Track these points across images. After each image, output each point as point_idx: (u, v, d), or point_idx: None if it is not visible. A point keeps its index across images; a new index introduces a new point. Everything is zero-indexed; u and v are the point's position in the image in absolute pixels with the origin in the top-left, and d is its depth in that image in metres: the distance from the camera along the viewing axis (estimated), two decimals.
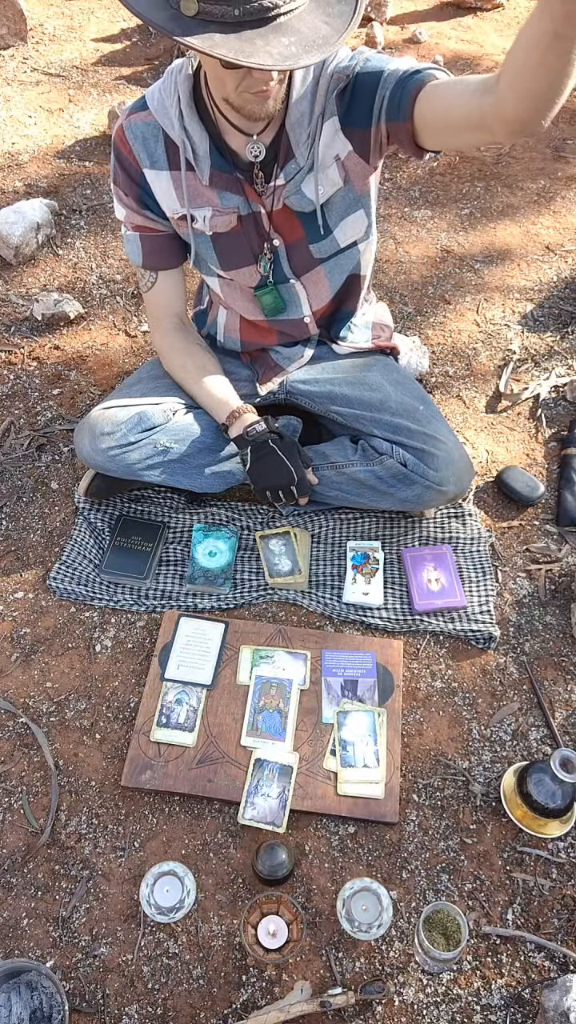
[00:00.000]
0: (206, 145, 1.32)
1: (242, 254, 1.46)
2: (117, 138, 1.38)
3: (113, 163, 1.41)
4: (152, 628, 1.60)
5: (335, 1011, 1.20)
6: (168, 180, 1.38)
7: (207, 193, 1.38)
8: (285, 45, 1.05)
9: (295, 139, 1.32)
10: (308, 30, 1.07)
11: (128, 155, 1.37)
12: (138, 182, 1.40)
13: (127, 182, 1.41)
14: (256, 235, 1.43)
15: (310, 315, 1.59)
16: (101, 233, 2.41)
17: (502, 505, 1.79)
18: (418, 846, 1.35)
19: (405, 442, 1.56)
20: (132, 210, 1.44)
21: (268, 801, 1.36)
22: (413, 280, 2.27)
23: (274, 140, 1.33)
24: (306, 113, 1.30)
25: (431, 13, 3.38)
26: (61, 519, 1.76)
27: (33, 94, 2.91)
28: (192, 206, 1.39)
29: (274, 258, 1.46)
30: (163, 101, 1.32)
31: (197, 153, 1.33)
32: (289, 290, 1.53)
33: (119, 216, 1.48)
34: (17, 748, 1.45)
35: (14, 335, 2.13)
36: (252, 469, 1.54)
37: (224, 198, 1.38)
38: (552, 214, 2.48)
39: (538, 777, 1.28)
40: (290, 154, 1.33)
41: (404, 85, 1.20)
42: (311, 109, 1.30)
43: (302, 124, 1.31)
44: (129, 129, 1.35)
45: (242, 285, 1.52)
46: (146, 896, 1.27)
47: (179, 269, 1.56)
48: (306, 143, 1.32)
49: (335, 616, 1.60)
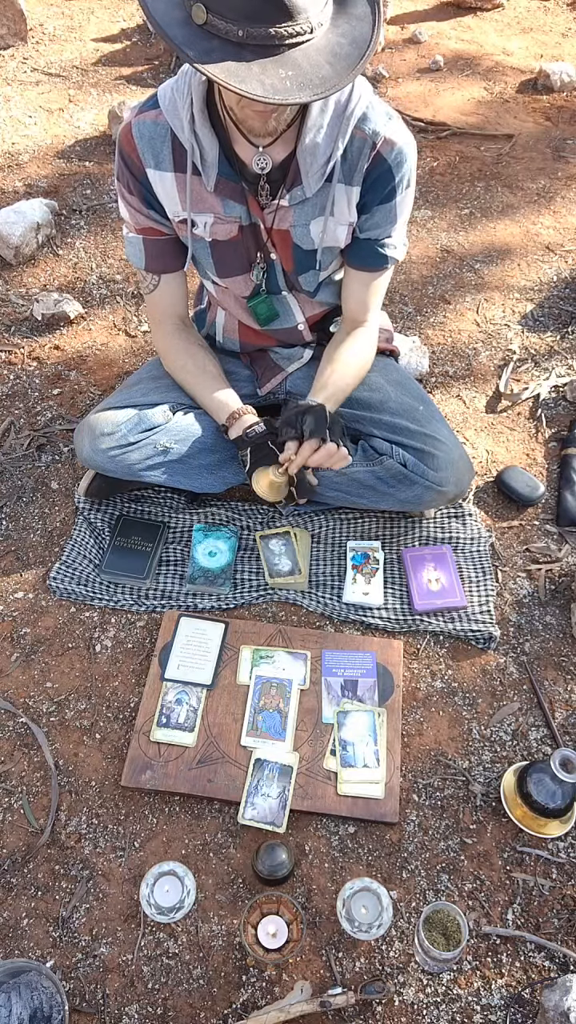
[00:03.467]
0: (215, 152, 1.31)
1: (238, 263, 1.46)
2: (123, 136, 1.36)
3: (117, 161, 1.40)
4: (152, 628, 1.60)
5: (335, 1011, 1.20)
6: (172, 182, 1.37)
7: (210, 200, 1.37)
8: (281, 78, 1.03)
9: (304, 167, 1.31)
10: (309, 67, 1.05)
11: (132, 154, 1.36)
12: (141, 181, 1.39)
13: (130, 181, 1.39)
14: (254, 246, 1.43)
15: (303, 322, 1.59)
16: (101, 233, 2.41)
17: (502, 505, 1.79)
18: (418, 846, 1.35)
19: (405, 442, 1.57)
20: (135, 209, 1.43)
21: (268, 801, 1.36)
22: (413, 280, 2.28)
23: (284, 160, 1.32)
24: (320, 146, 1.29)
25: (431, 13, 3.38)
26: (61, 519, 1.76)
27: (33, 94, 2.91)
28: (194, 211, 1.38)
29: (268, 268, 1.46)
30: (175, 102, 1.30)
31: (206, 159, 1.31)
32: (281, 301, 1.54)
33: (122, 215, 1.47)
34: (17, 748, 1.46)
35: (14, 335, 2.13)
36: (252, 470, 1.54)
37: (227, 206, 1.37)
38: (552, 214, 2.48)
39: (538, 777, 1.28)
40: (298, 180, 1.33)
41: (364, 253, 1.44)
42: (326, 143, 1.29)
43: (315, 156, 1.30)
44: (137, 128, 1.33)
45: (236, 294, 1.52)
46: (146, 896, 1.27)
47: (182, 272, 1.55)
48: (316, 176, 1.32)
49: (335, 616, 1.60)
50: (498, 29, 3.29)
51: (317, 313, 1.60)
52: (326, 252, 1.44)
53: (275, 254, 1.45)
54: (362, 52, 1.08)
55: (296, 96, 1.04)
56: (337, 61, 1.07)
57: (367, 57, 1.08)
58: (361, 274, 1.49)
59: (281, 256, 1.45)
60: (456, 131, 2.77)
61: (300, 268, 1.46)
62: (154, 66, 3.06)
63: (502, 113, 2.87)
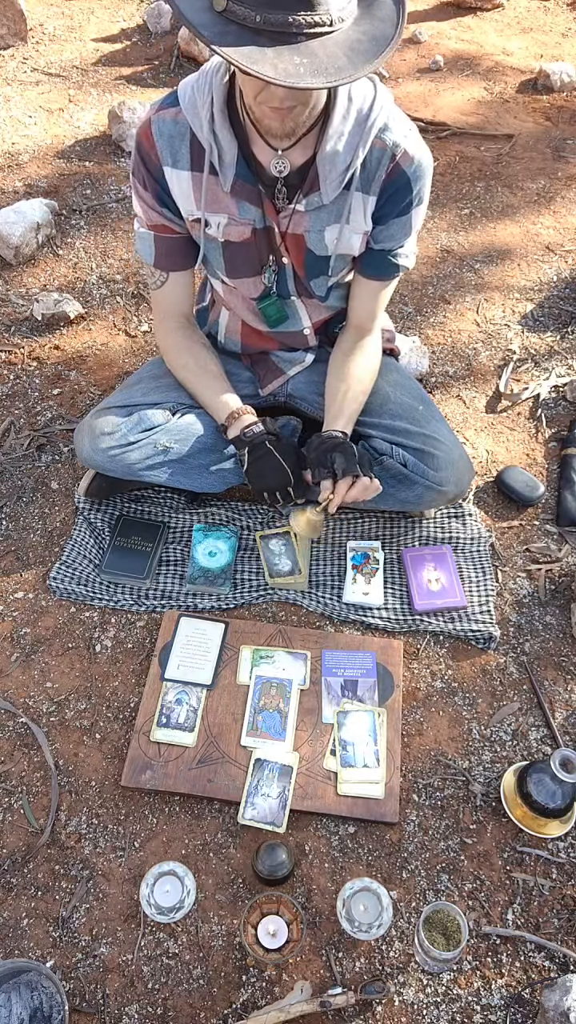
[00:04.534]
0: (234, 153, 1.30)
1: (249, 265, 1.46)
2: (142, 132, 1.35)
3: (134, 156, 1.39)
4: (152, 628, 1.60)
5: (335, 1011, 1.20)
6: (188, 181, 1.36)
7: (226, 200, 1.36)
8: (295, 64, 1.03)
9: (324, 174, 1.31)
10: (325, 57, 1.04)
11: (151, 151, 1.35)
12: (157, 179, 1.38)
13: (146, 177, 1.39)
14: (266, 249, 1.43)
15: (310, 327, 1.59)
16: (101, 233, 2.41)
17: (502, 505, 1.79)
18: (418, 846, 1.35)
19: (405, 443, 1.57)
20: (149, 206, 1.42)
21: (268, 801, 1.36)
22: (413, 280, 2.27)
23: (302, 165, 1.32)
24: (340, 154, 1.29)
25: (431, 13, 3.38)
26: (61, 519, 1.76)
27: (33, 94, 2.91)
28: (208, 211, 1.38)
29: (279, 271, 1.46)
30: (195, 101, 1.29)
31: (223, 160, 1.31)
32: (291, 305, 1.53)
33: (136, 211, 1.46)
34: (17, 748, 1.46)
35: (14, 335, 2.13)
36: (249, 470, 1.54)
37: (242, 208, 1.37)
38: (552, 214, 2.48)
39: (538, 777, 1.28)
40: (316, 186, 1.33)
41: (377, 263, 1.45)
42: (346, 152, 1.29)
43: (334, 163, 1.30)
44: (156, 125, 1.33)
45: (244, 295, 1.52)
46: (146, 896, 1.27)
47: (190, 271, 1.55)
48: (334, 183, 1.32)
49: (335, 616, 1.60)
50: (498, 29, 3.29)
51: (323, 318, 1.60)
52: (339, 259, 1.44)
53: (287, 258, 1.44)
54: (381, 49, 1.08)
55: (308, 81, 1.03)
56: (355, 55, 1.06)
57: (387, 54, 1.08)
58: (371, 283, 1.50)
59: (294, 261, 1.45)
60: (456, 131, 2.77)
61: (312, 273, 1.46)
62: (154, 66, 3.05)
63: (502, 113, 2.87)
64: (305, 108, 1.19)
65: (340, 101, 1.26)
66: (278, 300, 1.51)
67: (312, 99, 1.19)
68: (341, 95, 1.26)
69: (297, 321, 1.57)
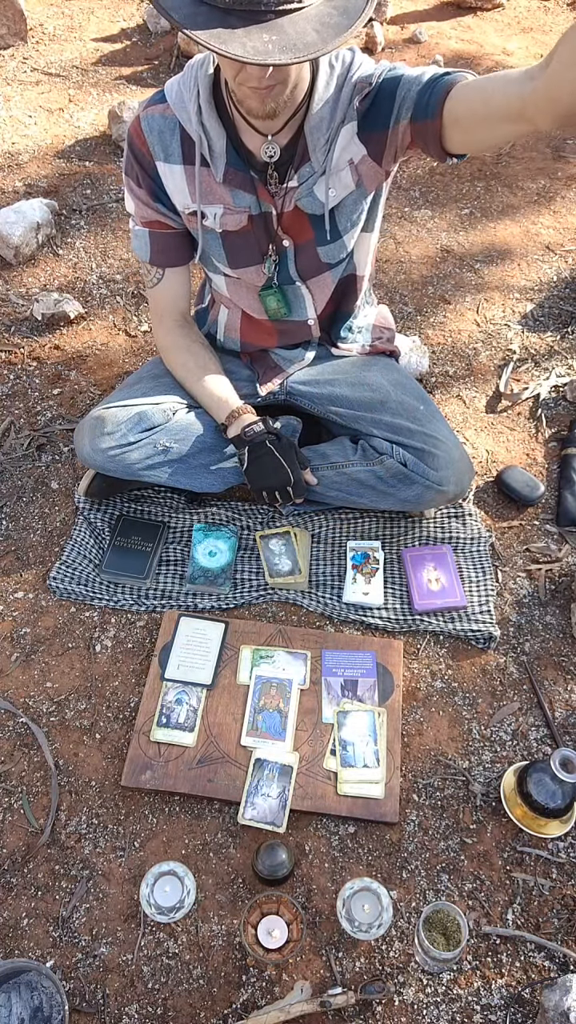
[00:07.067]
0: (223, 142, 1.32)
1: (250, 253, 1.46)
2: (132, 130, 1.37)
3: (127, 155, 1.40)
4: (152, 628, 1.60)
5: (335, 1011, 1.20)
6: (181, 175, 1.37)
7: (220, 190, 1.37)
8: (264, 41, 1.04)
9: (312, 143, 1.31)
10: (294, 33, 1.05)
11: (142, 147, 1.36)
12: (151, 175, 1.39)
13: (140, 174, 1.40)
14: (265, 236, 1.43)
15: (314, 318, 1.58)
16: (101, 233, 2.41)
17: (502, 505, 1.79)
18: (418, 846, 1.35)
19: (405, 442, 1.56)
20: (143, 203, 1.43)
21: (268, 801, 1.36)
22: (413, 280, 2.27)
23: (291, 142, 1.32)
24: (326, 119, 1.30)
25: (431, 13, 3.38)
26: (61, 519, 1.76)
27: (33, 94, 2.91)
28: (204, 203, 1.39)
29: (280, 260, 1.46)
30: (182, 95, 1.31)
31: (213, 150, 1.32)
32: (295, 292, 1.53)
33: (129, 209, 1.47)
34: (17, 748, 1.46)
35: (14, 335, 2.13)
36: (249, 469, 1.54)
37: (237, 197, 1.37)
38: (552, 214, 2.48)
39: (538, 777, 1.28)
40: (306, 157, 1.33)
41: (434, 85, 1.19)
42: (331, 115, 1.29)
43: (320, 129, 1.30)
44: (145, 121, 1.35)
45: (248, 284, 1.52)
46: (146, 896, 1.27)
47: (186, 267, 1.55)
48: (323, 148, 1.32)
49: (335, 616, 1.60)
50: (498, 29, 3.29)
51: (328, 310, 1.59)
52: (340, 211, 1.40)
53: (288, 240, 1.44)
54: (352, 21, 1.08)
55: (276, 57, 1.04)
56: (324, 29, 1.07)
57: (356, 26, 1.07)
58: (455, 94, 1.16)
59: (296, 239, 1.43)
60: None
61: (320, 239, 1.44)
62: (154, 66, 3.05)
63: None
64: (285, 87, 1.19)
65: (322, 70, 1.28)
66: (279, 290, 1.51)
67: (292, 77, 1.19)
68: (323, 65, 1.27)
69: (301, 311, 1.57)
